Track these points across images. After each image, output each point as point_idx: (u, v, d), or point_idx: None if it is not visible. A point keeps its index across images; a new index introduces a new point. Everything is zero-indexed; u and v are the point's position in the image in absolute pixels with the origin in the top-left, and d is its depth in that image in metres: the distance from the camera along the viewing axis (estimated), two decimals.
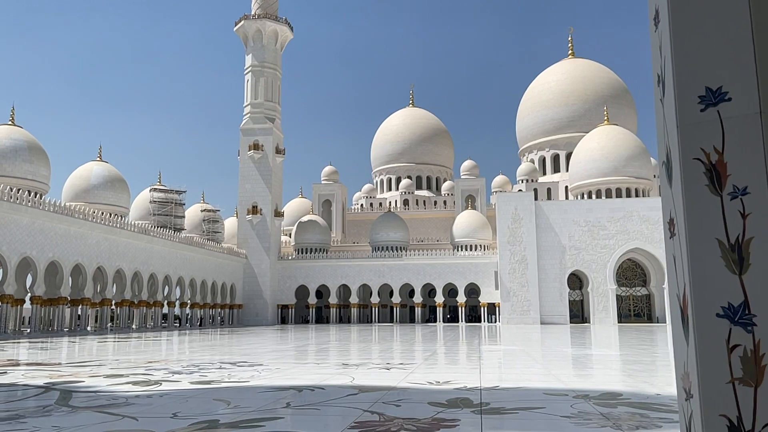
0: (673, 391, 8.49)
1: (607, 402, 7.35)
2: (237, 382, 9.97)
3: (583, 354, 17.96)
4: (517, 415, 6.48)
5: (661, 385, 9.52)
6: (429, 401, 7.45)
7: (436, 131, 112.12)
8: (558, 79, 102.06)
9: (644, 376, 11.15)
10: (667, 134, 2.12)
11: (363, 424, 5.86)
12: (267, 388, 8.98)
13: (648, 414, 6.44)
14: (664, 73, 2.13)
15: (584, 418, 6.14)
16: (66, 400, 7.77)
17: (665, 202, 2.19)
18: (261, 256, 76.97)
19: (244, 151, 78.59)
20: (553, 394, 8.13)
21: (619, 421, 5.97)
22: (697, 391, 1.95)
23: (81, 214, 46.46)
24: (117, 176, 66.34)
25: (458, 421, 6.02)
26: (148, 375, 11.12)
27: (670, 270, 2.19)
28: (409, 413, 6.48)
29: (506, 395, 8.12)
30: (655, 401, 7.47)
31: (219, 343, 26.17)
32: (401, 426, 5.73)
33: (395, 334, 35.38)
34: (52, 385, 9.51)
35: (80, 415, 6.53)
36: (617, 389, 8.76)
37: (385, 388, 8.74)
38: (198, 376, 10.80)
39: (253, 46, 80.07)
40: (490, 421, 6.07)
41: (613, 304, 70.39)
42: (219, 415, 6.47)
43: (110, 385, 9.40)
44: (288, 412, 6.71)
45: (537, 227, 71.61)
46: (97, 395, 8.23)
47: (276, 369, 12.46)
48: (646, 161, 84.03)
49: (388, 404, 7.16)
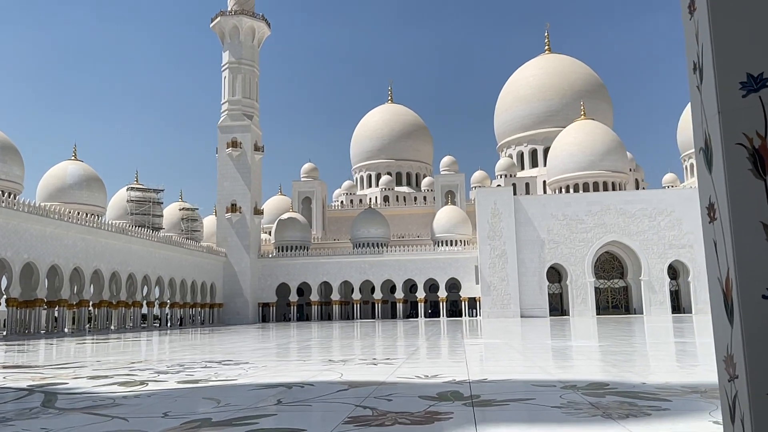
0: (657, 380, 8.65)
1: (595, 392, 7.46)
2: (224, 380, 9.91)
3: (566, 346, 18.18)
4: (509, 407, 6.54)
5: (645, 374, 9.69)
6: (420, 395, 7.48)
7: (415, 127, 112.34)
8: (535, 74, 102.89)
9: (628, 366, 11.33)
10: (705, 121, 2.16)
11: (357, 419, 5.88)
12: (256, 386, 8.94)
13: (636, 402, 6.55)
14: (702, 61, 2.16)
15: (574, 408, 6.23)
16: (51, 402, 7.65)
17: (703, 188, 2.22)
18: (241, 254, 76.47)
19: (222, 149, 77.94)
20: (541, 386, 8.22)
21: (609, 410, 6.07)
22: (744, 372, 1.99)
23: (56, 214, 45.68)
24: (93, 175, 65.35)
25: (451, 414, 6.06)
26: (133, 375, 11.00)
27: (709, 254, 2.23)
28: (401, 407, 6.51)
29: (495, 387, 8.20)
30: (641, 390, 7.60)
31: (201, 342, 25.97)
32: (395, 420, 5.76)
33: (377, 330, 35.45)
34: (35, 388, 9.36)
35: (68, 417, 6.44)
36: (603, 379, 8.89)
37: (374, 383, 8.76)
38: (184, 376, 10.71)
39: (230, 42, 79.35)
40: (483, 413, 6.12)
41: (592, 297, 71.34)
42: (210, 413, 6.43)
43: (95, 387, 9.28)
44: (280, 408, 6.69)
45: (516, 222, 72.21)
46: (83, 397, 8.12)
47: (263, 367, 12.41)
48: (622, 155, 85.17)
49: (379, 399, 7.18)
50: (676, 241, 70.76)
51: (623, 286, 74.79)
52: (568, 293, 72.33)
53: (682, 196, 72.66)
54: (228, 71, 79.25)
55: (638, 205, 71.79)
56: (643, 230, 71.19)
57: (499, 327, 37.45)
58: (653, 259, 70.84)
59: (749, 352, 2.00)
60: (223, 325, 66.09)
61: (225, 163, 77.73)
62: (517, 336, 25.05)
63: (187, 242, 68.97)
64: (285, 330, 41.42)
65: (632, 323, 39.72)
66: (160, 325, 64.40)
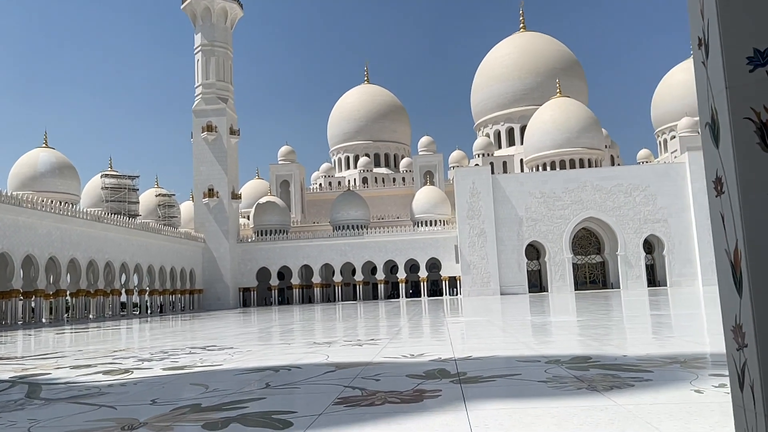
0: (638, 352, 8.85)
1: (579, 365, 7.60)
2: (210, 365, 9.89)
3: (546, 321, 18.46)
4: (495, 383, 6.64)
5: (626, 347, 9.90)
6: (407, 374, 7.56)
7: (392, 108, 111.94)
8: (510, 52, 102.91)
9: (608, 339, 11.56)
10: (712, 96, 2.19)
11: (346, 399, 5.92)
12: (243, 371, 8.95)
13: (619, 375, 6.70)
14: (707, 36, 2.18)
15: (560, 382, 6.35)
16: (36, 393, 7.58)
17: (710, 162, 2.26)
18: (220, 239, 75.95)
19: (197, 133, 76.92)
20: (525, 361, 8.36)
21: (594, 383, 6.20)
22: (754, 341, 2.05)
23: (29, 203, 44.81)
24: (65, 163, 64.11)
25: (439, 391, 6.14)
26: (116, 364, 10.92)
27: (716, 227, 2.27)
28: (389, 386, 6.58)
29: (481, 364, 8.31)
30: (623, 362, 7.77)
31: (183, 328, 25.85)
32: (385, 399, 5.82)
33: (359, 312, 35.61)
34: (18, 379, 9.25)
35: (55, 407, 6.39)
36: (586, 353, 9.06)
37: (361, 364, 8.82)
38: (169, 363, 10.67)
39: (202, 24, 77.92)
40: (471, 389, 6.21)
41: (570, 273, 72.38)
42: (199, 399, 6.42)
43: (79, 376, 9.20)
44: (268, 392, 6.71)
45: (494, 200, 72.69)
46: (68, 386, 8.05)
47: (248, 351, 12.41)
48: (597, 132, 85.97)
49: (367, 379, 7.24)
50: (651, 215, 71.92)
51: (600, 262, 75.97)
52: (546, 270, 73.28)
53: (657, 171, 73.72)
54: (201, 54, 77.92)
55: (614, 181, 72.68)
56: (618, 206, 72.20)
57: (480, 305, 37.86)
58: (629, 234, 71.98)
59: (759, 322, 2.06)
60: (204, 311, 65.80)
61: (201, 148, 76.76)
62: (498, 313, 25.36)
63: (164, 228, 68.23)
64: (267, 314, 41.38)
65: (610, 298, 40.45)
66: (139, 313, 63.85)
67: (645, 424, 4.36)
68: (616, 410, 4.87)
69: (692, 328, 14.18)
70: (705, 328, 13.91)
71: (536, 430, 4.37)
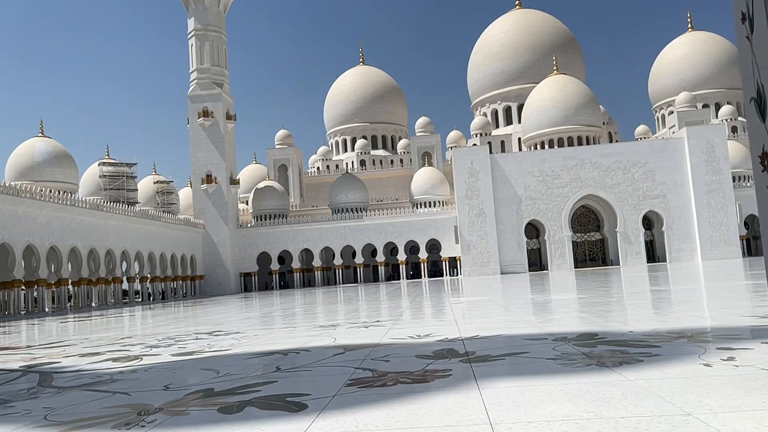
0: (644, 328, 8.91)
1: (586, 342, 7.66)
2: (219, 351, 9.95)
3: (549, 300, 18.55)
4: (505, 361, 6.69)
5: (631, 323, 9.96)
6: (416, 354, 7.61)
7: (389, 89, 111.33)
8: (506, 30, 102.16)
9: (612, 315, 11.63)
10: (758, 70, 2.16)
11: (358, 381, 5.97)
12: (252, 355, 9.00)
13: (627, 350, 6.75)
14: (752, 10, 2.15)
15: (569, 359, 6.40)
16: (48, 382, 7.62)
17: (756, 136, 2.24)
18: (219, 225, 76.00)
19: (193, 119, 76.58)
20: (532, 339, 8.41)
21: (603, 359, 6.25)
22: None
23: (28, 193, 44.72)
24: (62, 152, 63.85)
25: (450, 371, 6.19)
26: (125, 351, 10.98)
27: (762, 201, 2.26)
28: (400, 367, 6.63)
29: (488, 343, 8.37)
30: (630, 338, 7.82)
31: (186, 315, 25.95)
32: (396, 380, 5.86)
33: (361, 294, 35.75)
34: (29, 368, 9.30)
35: (69, 395, 6.44)
36: (592, 330, 9.12)
37: (369, 346, 8.87)
38: (177, 348, 10.73)
39: (194, 8, 77.16)
40: (481, 368, 6.26)
41: (569, 251, 72.63)
42: (212, 383, 6.47)
43: (89, 364, 9.25)
44: (280, 375, 6.76)
45: (493, 180, 72.65)
46: (79, 374, 8.10)
47: (254, 335, 12.48)
48: (595, 109, 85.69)
49: (377, 360, 7.30)
50: (649, 192, 71.97)
51: (600, 239, 76.18)
52: (546, 248, 73.49)
53: (655, 147, 73.61)
54: (195, 39, 77.26)
55: (612, 158, 72.60)
56: (617, 183, 72.20)
57: (481, 285, 38.02)
58: (628, 210, 72.09)
59: None
60: (206, 296, 66.02)
61: (197, 134, 76.48)
62: (500, 292, 25.47)
63: (163, 215, 68.21)
64: (269, 298, 41.55)
65: (610, 274, 40.62)
66: (141, 300, 64.07)
67: (657, 399, 4.41)
68: (627, 385, 4.92)
69: (695, 303, 14.26)
70: (708, 303, 13.99)
71: (550, 406, 4.42)
